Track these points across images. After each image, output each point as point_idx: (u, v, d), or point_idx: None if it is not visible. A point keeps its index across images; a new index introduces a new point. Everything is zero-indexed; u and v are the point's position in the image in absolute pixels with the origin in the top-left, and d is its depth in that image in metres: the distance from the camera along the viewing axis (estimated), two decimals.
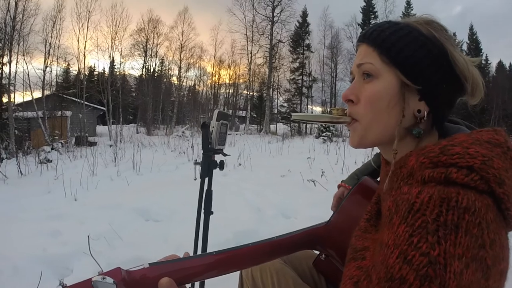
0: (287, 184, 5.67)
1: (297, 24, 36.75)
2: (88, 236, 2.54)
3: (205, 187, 1.76)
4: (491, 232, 0.51)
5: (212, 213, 1.79)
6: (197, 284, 1.73)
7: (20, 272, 2.47)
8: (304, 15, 36.97)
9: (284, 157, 10.35)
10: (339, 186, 1.29)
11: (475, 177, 0.54)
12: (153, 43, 34.54)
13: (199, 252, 1.73)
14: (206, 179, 1.73)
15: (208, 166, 1.69)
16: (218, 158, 1.73)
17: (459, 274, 0.48)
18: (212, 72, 38.83)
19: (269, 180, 6.10)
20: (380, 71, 0.70)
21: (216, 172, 1.77)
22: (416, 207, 0.54)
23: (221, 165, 1.73)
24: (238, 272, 1.21)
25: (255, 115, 38.41)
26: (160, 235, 3.22)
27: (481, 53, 33.91)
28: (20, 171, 7.69)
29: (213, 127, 1.64)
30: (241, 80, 38.92)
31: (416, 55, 0.68)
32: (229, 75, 38.70)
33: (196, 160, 1.76)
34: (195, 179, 1.79)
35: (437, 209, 0.51)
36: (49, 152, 10.79)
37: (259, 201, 4.55)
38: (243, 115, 38.99)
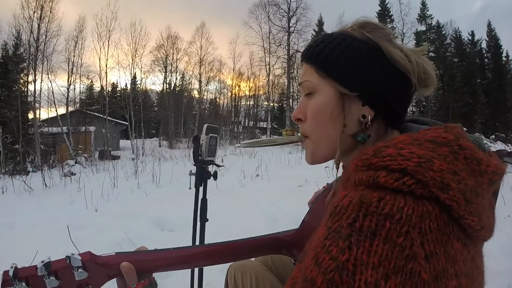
0: (303, 194, 5.58)
1: (314, 33, 36.61)
2: (68, 226, 2.72)
3: (200, 196, 1.85)
4: (430, 243, 0.45)
5: (207, 220, 1.86)
6: (196, 284, 1.81)
7: None
8: (320, 23, 36.89)
9: (303, 167, 10.29)
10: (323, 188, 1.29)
11: (409, 181, 0.48)
12: (173, 58, 35.09)
13: None
14: (201, 189, 1.82)
15: (201, 176, 1.79)
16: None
17: (373, 285, 0.44)
18: (232, 85, 39.15)
19: (286, 191, 6.09)
20: (318, 86, 0.71)
21: (234, 183, 1.87)
22: (336, 211, 0.51)
23: (215, 176, 1.83)
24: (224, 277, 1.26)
25: (276, 126, 38.42)
26: (173, 244, 3.22)
27: (500, 50, 32.90)
28: (45, 184, 7.96)
29: (202, 140, 1.75)
30: (261, 92, 39.09)
31: (351, 62, 0.68)
32: (249, 87, 38.90)
33: (191, 171, 1.86)
34: (190, 188, 1.88)
35: (354, 214, 0.48)
36: (72, 165, 11.13)
37: (274, 211, 4.56)
38: (264, 126, 39.05)
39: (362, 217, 0.47)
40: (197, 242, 1.83)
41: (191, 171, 1.86)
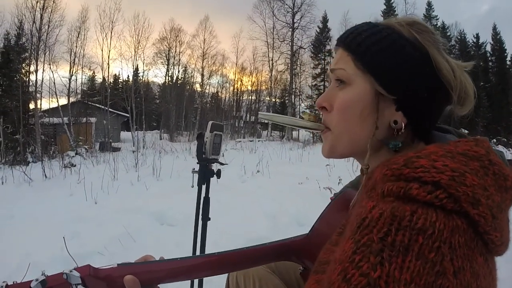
0: (304, 192, 5.64)
1: (318, 30, 36.44)
2: (64, 237, 2.61)
3: (203, 194, 1.81)
4: (458, 259, 0.45)
5: (209, 219, 1.84)
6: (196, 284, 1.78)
7: (38, 268, 2.56)
8: (325, 20, 36.63)
9: (304, 164, 10.30)
10: (331, 199, 1.27)
11: (441, 195, 0.47)
12: (176, 51, 35.07)
13: None
14: (204, 187, 1.79)
15: (204, 174, 1.75)
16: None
17: None
18: (234, 79, 39.08)
19: (286, 188, 6.09)
20: (353, 78, 0.65)
21: (234, 178, 1.84)
22: (365, 223, 0.48)
23: (218, 174, 1.79)
24: (225, 277, 1.23)
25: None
26: (173, 239, 3.28)
27: (505, 54, 32.77)
28: (45, 175, 7.97)
29: (207, 138, 1.71)
30: (263, 87, 39.02)
31: (393, 60, 0.62)
32: (251, 81, 38.84)
33: (193, 169, 1.82)
34: (192, 186, 1.84)
35: (386, 228, 0.46)
36: (73, 157, 11.14)
37: (275, 208, 4.55)
38: (266, 121, 38.92)
39: (395, 231, 0.45)
40: (199, 241, 1.80)
41: (194, 168, 1.83)
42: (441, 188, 0.47)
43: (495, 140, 17.05)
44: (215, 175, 1.78)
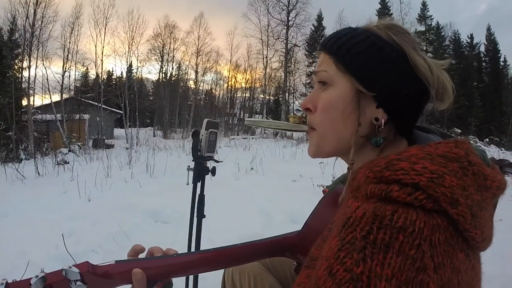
0: (298, 189, 5.67)
1: (313, 28, 36.56)
2: (63, 234, 2.62)
3: (198, 192, 1.82)
4: (438, 255, 0.47)
5: (204, 216, 1.84)
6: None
7: (33, 267, 2.57)
8: (320, 18, 36.79)
9: (298, 162, 10.30)
10: (324, 192, 1.29)
11: (420, 196, 0.50)
12: (170, 48, 34.91)
13: None
14: (199, 184, 1.79)
15: (199, 172, 1.76)
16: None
17: None
18: (228, 76, 39.03)
19: (280, 185, 6.11)
20: (335, 79, 0.69)
21: (228, 176, 1.84)
22: (350, 222, 0.51)
23: (213, 172, 1.80)
24: (221, 274, 1.25)
25: (271, 119, 38.28)
26: (168, 237, 3.28)
27: (499, 54, 33.10)
28: (38, 172, 7.92)
29: (202, 135, 1.72)
30: (257, 84, 39.02)
31: (372, 60, 0.66)
32: (245, 79, 38.81)
33: (189, 166, 1.83)
34: (187, 184, 1.85)
35: (368, 226, 0.49)
36: (66, 154, 11.06)
37: (268, 206, 4.58)
38: (260, 119, 38.92)
39: (376, 229, 0.48)
40: (194, 238, 1.82)
41: (189, 166, 1.84)
42: (420, 189, 0.50)
43: (487, 140, 17.19)
44: (210, 173, 1.79)
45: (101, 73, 28.62)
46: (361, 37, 0.68)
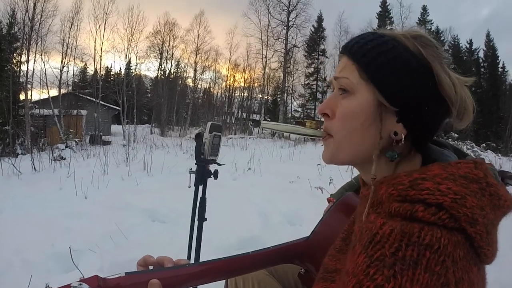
0: (295, 191, 5.67)
1: (312, 29, 36.59)
2: (70, 247, 2.53)
3: (200, 195, 1.81)
4: (459, 270, 0.49)
5: (205, 219, 1.83)
6: None
7: (29, 265, 2.55)
8: (320, 20, 36.80)
9: (295, 162, 10.32)
10: (328, 200, 1.28)
11: (443, 216, 0.52)
12: (169, 45, 34.91)
13: (192, 257, 1.77)
14: (200, 187, 1.78)
15: (202, 175, 1.75)
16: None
17: None
18: (227, 75, 38.99)
19: (277, 186, 6.10)
20: (357, 87, 0.66)
21: (225, 176, 1.82)
22: (377, 239, 0.52)
23: (215, 175, 1.78)
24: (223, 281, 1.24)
25: (269, 119, 38.27)
26: (165, 237, 3.27)
27: (497, 61, 33.21)
28: (34, 167, 7.87)
29: (205, 138, 1.71)
30: (255, 84, 39.00)
31: (398, 73, 0.63)
32: (244, 78, 38.79)
33: (191, 169, 1.82)
34: (189, 186, 1.84)
35: (396, 243, 0.50)
36: (63, 149, 11.01)
37: (266, 207, 4.56)
38: (257, 118, 39.00)
39: (405, 246, 0.50)
40: (194, 241, 1.80)
41: (191, 169, 1.82)
42: (444, 209, 0.53)
43: (484, 145, 17.23)
44: (212, 176, 1.78)
45: (100, 69, 28.59)
46: (388, 46, 0.65)
